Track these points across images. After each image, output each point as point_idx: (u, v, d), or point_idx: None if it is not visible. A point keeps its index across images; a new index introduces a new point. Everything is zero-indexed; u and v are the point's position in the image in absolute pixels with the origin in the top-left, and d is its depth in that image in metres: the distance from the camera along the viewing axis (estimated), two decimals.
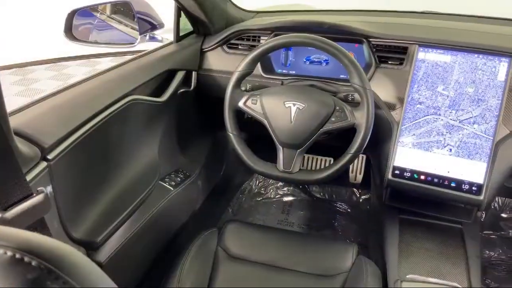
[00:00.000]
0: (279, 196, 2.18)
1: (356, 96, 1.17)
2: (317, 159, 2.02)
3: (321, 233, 1.96)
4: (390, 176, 1.30)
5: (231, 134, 1.24)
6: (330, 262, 1.20)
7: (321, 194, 2.19)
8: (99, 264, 1.05)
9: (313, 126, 1.17)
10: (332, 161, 1.67)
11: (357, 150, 1.16)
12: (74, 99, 1.03)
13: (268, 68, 1.46)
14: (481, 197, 1.21)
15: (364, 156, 1.96)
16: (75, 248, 0.97)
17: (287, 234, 1.35)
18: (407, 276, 1.20)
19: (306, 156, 2.04)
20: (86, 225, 1.01)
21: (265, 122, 1.20)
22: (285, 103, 1.18)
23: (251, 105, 1.22)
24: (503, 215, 2.00)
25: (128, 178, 1.18)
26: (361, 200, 2.13)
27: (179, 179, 1.46)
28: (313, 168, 2.00)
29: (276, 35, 1.39)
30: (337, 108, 1.17)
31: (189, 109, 1.55)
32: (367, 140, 1.16)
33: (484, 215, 1.99)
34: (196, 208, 1.64)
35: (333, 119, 1.17)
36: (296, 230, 1.97)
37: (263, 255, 1.23)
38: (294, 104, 1.17)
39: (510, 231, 1.96)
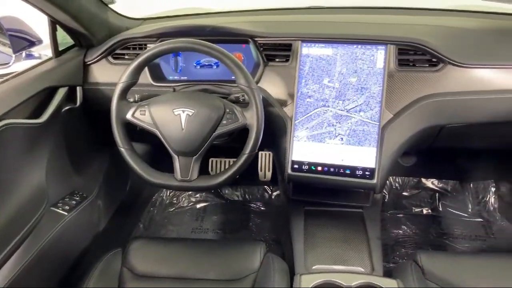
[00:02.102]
0: (192, 203, 2.14)
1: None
2: (225, 161, 2.01)
3: (235, 236, 1.95)
4: (290, 171, 1.32)
5: (122, 149, 1.19)
6: (239, 264, 1.19)
7: (234, 196, 2.19)
8: None
9: (205, 131, 1.15)
10: None
11: (251, 150, 1.16)
12: None
13: (158, 76, 1.42)
14: (375, 181, 1.27)
15: (271, 153, 1.98)
16: None
17: (195, 243, 1.32)
18: (313, 267, 1.22)
19: (214, 160, 2.03)
20: None
21: (157, 132, 1.16)
22: (174, 110, 1.14)
23: (139, 116, 1.17)
24: (405, 193, 2.11)
25: (9, 209, 1.08)
26: (273, 197, 2.15)
27: (74, 202, 1.37)
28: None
29: (162, 42, 1.36)
30: (227, 110, 1.16)
31: (79, 126, 1.46)
32: (260, 139, 1.16)
33: (387, 196, 2.09)
34: (100, 230, 1.56)
35: (224, 122, 1.15)
36: (210, 236, 1.95)
37: (171, 268, 1.19)
38: (183, 111, 1.14)
39: (413, 208, 2.09)
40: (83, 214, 1.39)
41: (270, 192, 2.17)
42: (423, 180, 2.13)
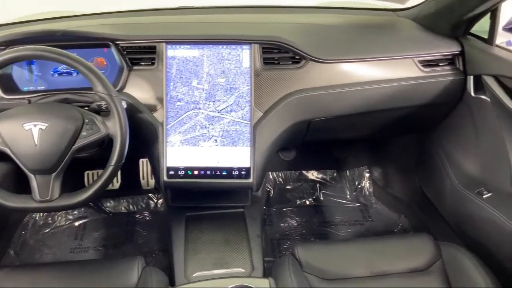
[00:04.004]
0: (70, 221, 1.98)
1: None
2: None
3: (119, 251, 1.85)
4: (165, 178, 1.27)
5: None
6: (115, 283, 1.11)
7: (117, 208, 2.07)
8: None
9: (63, 145, 1.05)
10: None
11: (117, 161, 1.09)
12: None
13: (11, 88, 1.28)
14: (251, 180, 1.27)
15: None
16: None
17: (68, 265, 1.22)
18: (193, 275, 1.19)
19: (90, 172, 1.91)
20: None
21: (6, 150, 1.04)
22: (24, 125, 1.03)
23: None
24: (288, 187, 2.18)
25: None
26: (159, 205, 2.08)
27: None
28: None
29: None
30: (87, 120, 1.08)
31: None
32: (126, 148, 1.09)
33: (272, 191, 2.14)
34: None
35: (84, 133, 1.07)
36: (91, 254, 1.82)
37: None
38: (35, 125, 1.03)
39: (297, 200, 2.16)
40: None
41: (155, 200, 2.10)
42: (304, 172, 2.21)
